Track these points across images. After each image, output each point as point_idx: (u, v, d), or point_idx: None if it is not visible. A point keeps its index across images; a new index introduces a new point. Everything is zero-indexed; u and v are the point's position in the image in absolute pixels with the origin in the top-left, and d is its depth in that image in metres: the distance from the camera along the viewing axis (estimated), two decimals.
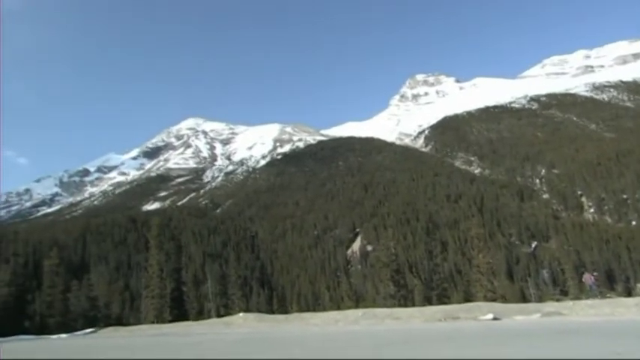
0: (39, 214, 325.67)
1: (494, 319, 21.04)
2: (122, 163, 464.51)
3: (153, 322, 40.81)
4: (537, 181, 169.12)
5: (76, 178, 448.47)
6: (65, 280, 53.13)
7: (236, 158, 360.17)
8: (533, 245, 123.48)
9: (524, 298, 66.88)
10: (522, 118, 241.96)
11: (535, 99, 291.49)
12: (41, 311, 49.99)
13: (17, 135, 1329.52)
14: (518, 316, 21.97)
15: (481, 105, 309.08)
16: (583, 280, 41.83)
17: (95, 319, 50.79)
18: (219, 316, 46.35)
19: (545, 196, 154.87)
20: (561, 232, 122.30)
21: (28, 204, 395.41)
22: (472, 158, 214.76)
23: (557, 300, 44.27)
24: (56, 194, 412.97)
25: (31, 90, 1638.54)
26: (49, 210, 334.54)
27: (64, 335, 32.81)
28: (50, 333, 38.67)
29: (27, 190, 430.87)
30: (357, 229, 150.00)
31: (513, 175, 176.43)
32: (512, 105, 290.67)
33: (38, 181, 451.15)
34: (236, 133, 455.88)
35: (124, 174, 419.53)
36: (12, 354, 10.25)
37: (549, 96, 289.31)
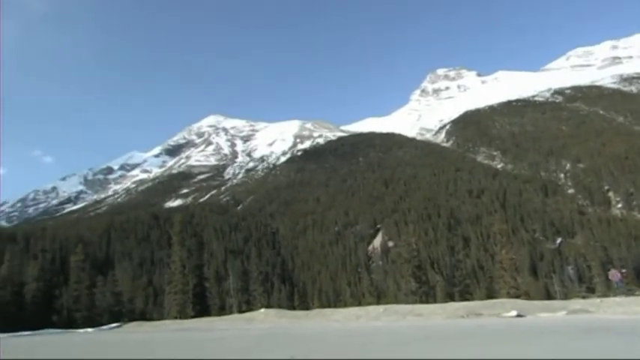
0: (65, 211, 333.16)
1: (518, 316, 20.71)
2: (145, 161, 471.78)
3: (176, 318, 41.36)
4: (562, 175, 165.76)
5: (100, 176, 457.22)
6: (91, 275, 54.30)
7: (257, 155, 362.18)
8: (558, 241, 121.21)
9: (548, 295, 65.78)
10: (546, 112, 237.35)
11: (559, 92, 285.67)
12: (68, 306, 51.20)
13: (44, 135, 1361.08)
14: (543, 314, 21.57)
15: (503, 99, 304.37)
16: (610, 276, 40.88)
17: (120, 314, 51.79)
18: (240, 311, 46.73)
19: (571, 191, 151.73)
20: (587, 227, 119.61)
21: (55, 201, 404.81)
22: (494, 153, 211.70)
23: (584, 297, 43.42)
24: (81, 192, 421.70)
25: (57, 90, 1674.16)
26: (75, 207, 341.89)
27: (90, 329, 33.52)
28: (77, 327, 39.56)
29: (53, 188, 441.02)
30: (378, 225, 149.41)
31: (537, 170, 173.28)
32: (536, 98, 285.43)
33: (64, 179, 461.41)
34: (256, 130, 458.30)
35: (146, 171, 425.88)
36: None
37: (574, 89, 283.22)
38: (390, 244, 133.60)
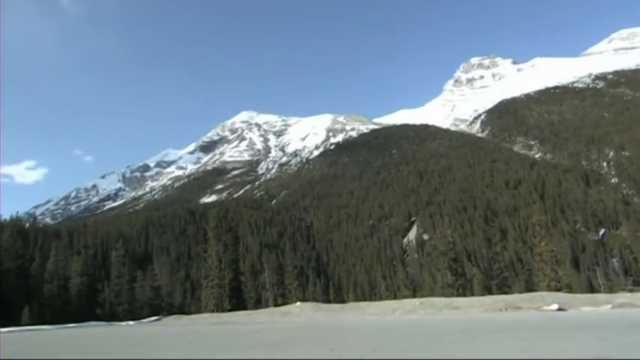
0: (105, 208, 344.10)
1: (559, 309, 20.08)
2: (180, 158, 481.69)
3: (213, 311, 42.13)
4: (604, 164, 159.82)
5: (138, 174, 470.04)
6: (130, 270, 55.95)
7: (290, 149, 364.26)
8: (601, 232, 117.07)
9: (592, 289, 63.74)
10: (587, 99, 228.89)
11: (601, 77, 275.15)
12: (110, 299, 52.94)
13: (83, 135, 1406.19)
14: (586, 307, 20.85)
15: (541, 86, 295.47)
16: None
17: (159, 307, 53.21)
18: (276, 305, 47.19)
19: (614, 180, 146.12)
20: (633, 218, 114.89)
21: (95, 199, 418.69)
22: (532, 142, 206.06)
23: (630, 291, 41.89)
24: (120, 189, 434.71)
25: (95, 91, 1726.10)
26: (114, 204, 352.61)
27: (131, 322, 34.54)
28: (119, 320, 40.85)
29: (94, 186, 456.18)
30: (413, 218, 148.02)
31: (577, 159, 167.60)
32: (576, 85, 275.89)
33: (103, 177, 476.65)
34: (289, 125, 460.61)
35: (182, 168, 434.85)
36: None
37: (617, 73, 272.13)
38: (425, 236, 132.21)
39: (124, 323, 33.70)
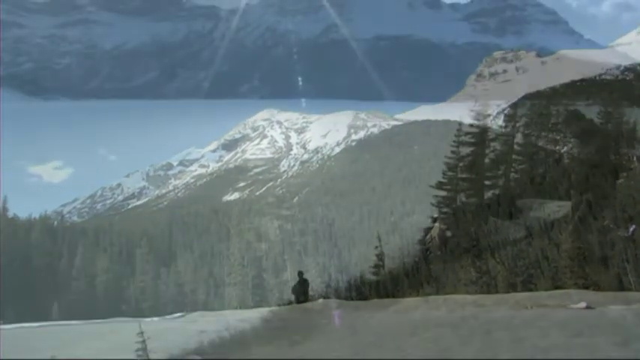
0: (129, 206, 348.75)
1: (587, 307, 19.58)
2: (202, 156, 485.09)
3: (236, 308, 42.51)
4: (635, 158, 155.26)
5: (161, 172, 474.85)
6: (155, 267, 56.87)
7: (311, 147, 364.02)
8: (632, 228, 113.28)
9: (622, 287, 62.04)
10: (615, 91, 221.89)
11: (630, 69, 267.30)
12: (135, 296, 53.95)
13: (108, 134, 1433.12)
14: (616, 306, 20.31)
15: (566, 79, 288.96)
16: None
17: (183, 304, 54.00)
18: (299, 302, 47.37)
19: None
20: None
21: (120, 197, 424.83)
22: (557, 137, 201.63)
23: None
24: (143, 188, 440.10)
25: (117, 90, 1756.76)
26: (138, 202, 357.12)
27: (155, 319, 35.09)
28: (144, 316, 41.53)
29: (118, 185, 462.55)
30: (436, 214, 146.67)
31: (605, 153, 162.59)
32: (603, 77, 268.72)
33: (127, 176, 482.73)
34: (310, 122, 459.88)
35: (204, 166, 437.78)
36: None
37: None
38: (449, 233, 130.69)
39: (148, 319, 34.28)
